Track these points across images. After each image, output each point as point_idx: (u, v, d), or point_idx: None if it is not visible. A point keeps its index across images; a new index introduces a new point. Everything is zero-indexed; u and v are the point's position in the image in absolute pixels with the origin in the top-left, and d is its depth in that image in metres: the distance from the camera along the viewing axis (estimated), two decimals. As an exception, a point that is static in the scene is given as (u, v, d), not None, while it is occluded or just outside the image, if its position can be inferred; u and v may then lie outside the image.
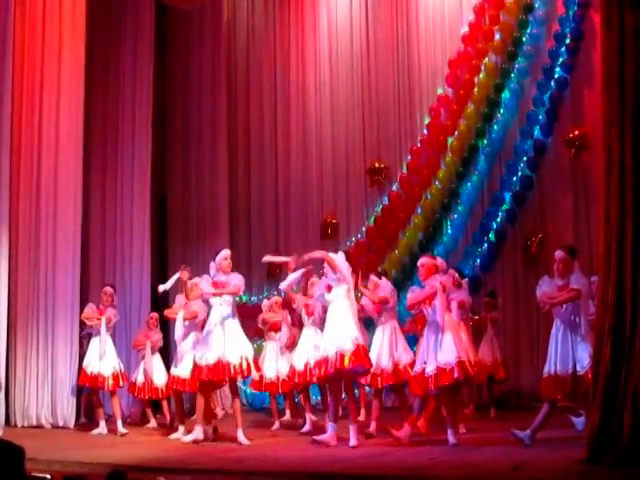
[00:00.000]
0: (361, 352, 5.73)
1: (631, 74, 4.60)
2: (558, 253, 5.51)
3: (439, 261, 5.96)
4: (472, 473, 4.45)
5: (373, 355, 6.34)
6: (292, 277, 6.35)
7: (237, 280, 6.27)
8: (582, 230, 9.11)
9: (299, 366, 6.79)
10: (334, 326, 5.79)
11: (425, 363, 5.65)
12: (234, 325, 6.24)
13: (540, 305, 5.56)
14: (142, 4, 9.35)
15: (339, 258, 5.98)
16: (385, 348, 6.47)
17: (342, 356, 5.65)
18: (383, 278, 6.85)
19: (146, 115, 9.22)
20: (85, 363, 7.32)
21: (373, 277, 6.87)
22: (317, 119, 10.74)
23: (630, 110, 4.59)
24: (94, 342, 7.28)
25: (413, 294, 5.92)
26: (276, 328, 7.46)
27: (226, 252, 6.37)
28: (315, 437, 6.02)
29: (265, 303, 7.91)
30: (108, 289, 7.46)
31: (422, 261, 5.89)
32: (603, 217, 4.67)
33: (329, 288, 5.89)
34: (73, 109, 8.25)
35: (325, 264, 5.95)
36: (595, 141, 8.48)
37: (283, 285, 6.55)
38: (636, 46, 4.61)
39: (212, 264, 6.39)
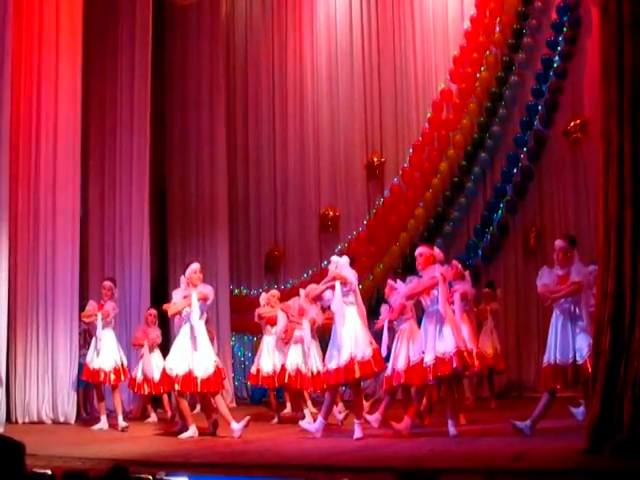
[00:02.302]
0: (378, 355, 5.88)
1: (629, 63, 4.58)
2: (558, 242, 5.50)
3: (437, 251, 5.95)
4: (473, 464, 4.45)
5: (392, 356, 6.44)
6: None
7: (205, 289, 6.37)
8: (582, 220, 9.13)
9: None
10: (348, 334, 5.80)
11: (423, 353, 5.64)
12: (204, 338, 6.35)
13: (542, 298, 5.55)
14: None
15: (342, 264, 5.99)
16: (402, 351, 6.40)
17: (362, 364, 5.72)
18: (399, 281, 6.84)
19: (144, 110, 9.18)
20: (88, 359, 7.32)
21: (391, 281, 6.87)
22: (315, 113, 10.72)
23: (628, 100, 4.58)
24: (100, 337, 7.25)
25: (412, 284, 5.91)
26: (272, 322, 7.47)
27: (196, 266, 6.46)
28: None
29: (263, 296, 7.90)
30: (107, 283, 7.44)
31: (420, 251, 5.87)
32: (602, 207, 4.66)
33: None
34: (71, 105, 8.22)
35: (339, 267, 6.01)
36: (594, 131, 8.47)
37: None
38: (634, 35, 4.59)
39: (182, 278, 6.48)
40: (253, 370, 7.75)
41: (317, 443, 5.66)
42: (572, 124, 9.36)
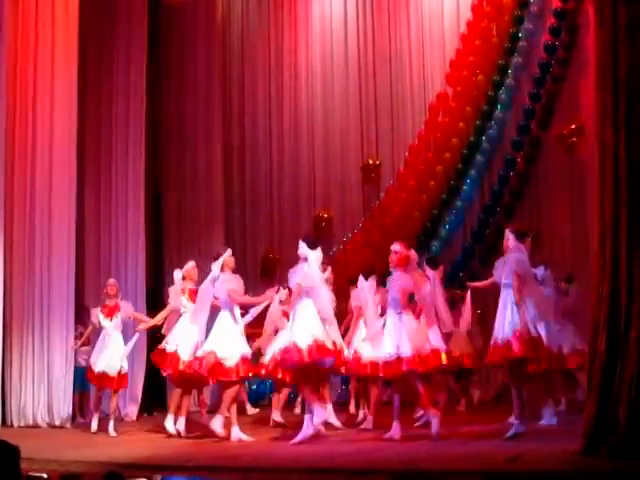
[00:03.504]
0: (317, 346, 5.71)
1: (624, 67, 4.61)
2: (507, 231, 5.71)
3: (412, 253, 5.94)
4: (467, 466, 4.46)
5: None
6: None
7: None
8: (578, 223, 9.14)
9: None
10: (299, 322, 5.82)
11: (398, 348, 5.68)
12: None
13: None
14: (135, 1, 9.31)
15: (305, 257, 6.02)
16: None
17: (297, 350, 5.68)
18: (361, 278, 6.80)
19: (140, 112, 9.18)
20: (93, 359, 7.18)
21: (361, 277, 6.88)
22: (311, 114, 10.74)
23: (623, 102, 4.60)
24: (107, 340, 7.18)
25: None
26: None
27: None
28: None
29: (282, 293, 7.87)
30: (112, 280, 7.49)
31: (396, 248, 5.84)
32: (597, 210, 4.69)
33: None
34: (67, 109, 8.21)
35: (300, 253, 6.05)
36: (590, 134, 8.48)
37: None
38: (629, 39, 4.62)
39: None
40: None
41: (312, 446, 5.64)
42: (567, 129, 9.38)
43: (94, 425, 7.12)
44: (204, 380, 6.46)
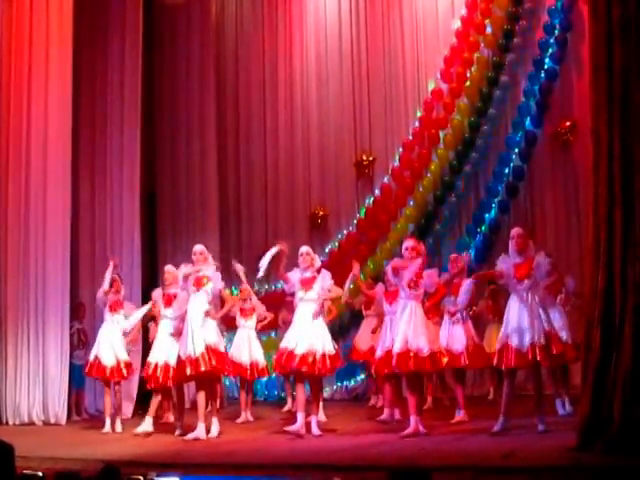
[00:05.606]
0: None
1: (619, 63, 4.62)
2: (517, 230, 5.85)
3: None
4: (463, 462, 4.47)
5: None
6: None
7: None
8: (572, 219, 9.17)
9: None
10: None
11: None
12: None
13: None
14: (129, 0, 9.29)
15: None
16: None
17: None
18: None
19: (134, 110, 9.15)
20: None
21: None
22: (306, 112, 10.72)
23: (618, 99, 4.61)
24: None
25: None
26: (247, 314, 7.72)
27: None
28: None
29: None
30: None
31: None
32: (592, 206, 4.70)
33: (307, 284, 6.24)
34: (61, 106, 8.17)
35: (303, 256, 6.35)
36: (584, 131, 8.48)
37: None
38: (623, 37, 4.63)
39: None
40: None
41: (307, 442, 5.66)
42: (562, 126, 9.39)
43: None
44: None
